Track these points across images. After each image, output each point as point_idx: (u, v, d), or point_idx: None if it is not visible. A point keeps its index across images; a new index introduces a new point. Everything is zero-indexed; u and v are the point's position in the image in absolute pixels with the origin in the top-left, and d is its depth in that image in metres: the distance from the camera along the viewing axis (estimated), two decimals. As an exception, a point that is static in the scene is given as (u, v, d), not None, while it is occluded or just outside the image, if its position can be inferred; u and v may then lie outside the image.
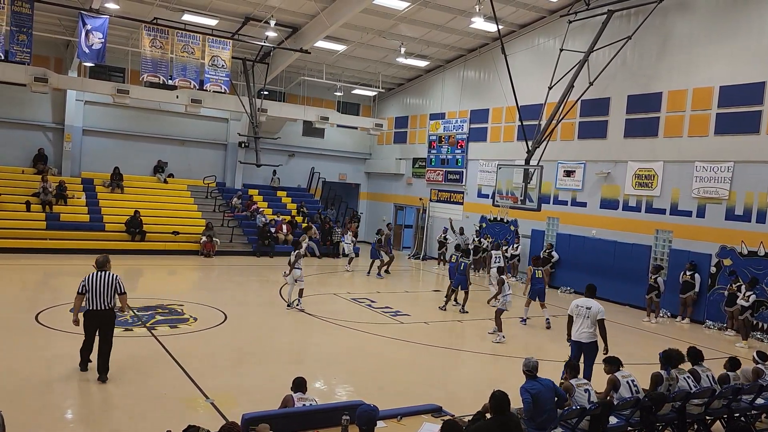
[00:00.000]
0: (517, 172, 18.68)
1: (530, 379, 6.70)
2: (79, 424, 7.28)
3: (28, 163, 23.10)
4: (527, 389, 6.53)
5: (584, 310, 9.19)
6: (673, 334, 14.07)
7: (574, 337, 9.28)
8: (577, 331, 9.21)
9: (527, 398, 6.46)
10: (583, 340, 9.14)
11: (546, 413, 6.48)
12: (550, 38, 20.33)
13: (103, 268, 8.63)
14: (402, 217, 28.78)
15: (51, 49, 22.98)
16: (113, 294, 8.50)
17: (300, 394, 6.29)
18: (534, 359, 6.86)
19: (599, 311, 9.12)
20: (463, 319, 14.62)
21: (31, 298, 13.95)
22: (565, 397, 6.81)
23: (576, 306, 9.30)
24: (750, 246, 14.90)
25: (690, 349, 8.23)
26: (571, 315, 9.36)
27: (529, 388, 6.55)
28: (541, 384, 6.63)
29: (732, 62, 15.49)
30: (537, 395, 6.47)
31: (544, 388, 6.61)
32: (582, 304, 9.26)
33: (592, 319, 9.10)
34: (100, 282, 8.46)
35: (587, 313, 9.15)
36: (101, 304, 8.40)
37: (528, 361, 6.81)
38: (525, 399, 6.48)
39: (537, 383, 6.63)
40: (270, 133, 25.96)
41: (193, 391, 8.40)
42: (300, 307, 13.94)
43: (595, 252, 18.40)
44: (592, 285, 9.69)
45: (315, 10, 19.73)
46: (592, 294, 9.48)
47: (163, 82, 19.87)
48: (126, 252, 20.35)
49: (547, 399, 6.54)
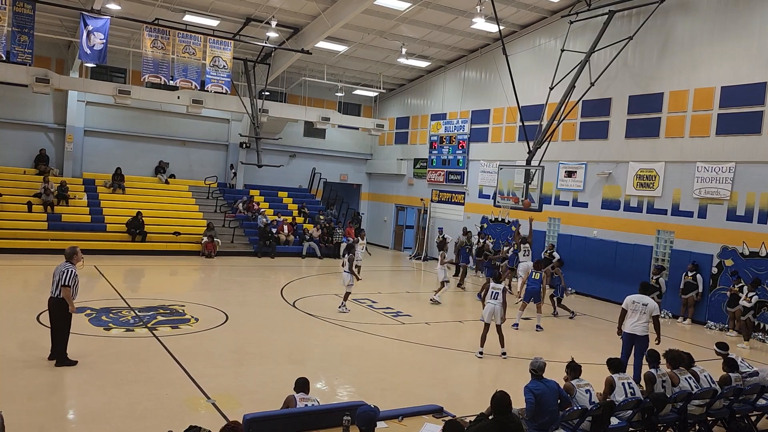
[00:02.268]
0: (519, 172, 18.68)
1: (535, 380, 6.73)
2: (80, 425, 7.29)
3: (29, 164, 23.13)
4: (531, 389, 6.56)
5: (641, 306, 10.03)
6: (674, 335, 14.05)
7: (628, 330, 10.02)
8: (632, 325, 10.00)
9: (530, 398, 6.48)
10: (638, 333, 9.96)
11: (548, 415, 6.49)
12: (551, 39, 20.32)
13: (67, 260, 9.32)
14: (403, 218, 28.80)
15: (52, 50, 23.02)
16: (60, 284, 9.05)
17: (302, 394, 6.29)
18: (541, 360, 6.90)
19: (654, 308, 10.06)
20: (463, 320, 14.62)
21: (32, 298, 13.94)
22: (569, 400, 6.82)
23: (632, 302, 10.09)
24: (751, 246, 14.88)
25: (683, 352, 8.29)
26: (625, 309, 10.13)
27: (533, 388, 6.57)
28: (545, 385, 6.65)
29: (733, 62, 15.48)
30: (540, 396, 6.50)
31: (548, 389, 6.63)
32: (638, 300, 10.07)
33: (648, 314, 9.97)
34: (57, 272, 9.19)
35: (643, 309, 10.02)
36: (53, 292, 9.11)
37: (535, 361, 6.86)
38: (528, 399, 6.51)
39: (542, 384, 6.65)
40: (271, 134, 25.97)
41: (194, 392, 8.41)
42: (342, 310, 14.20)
43: (596, 252, 18.39)
44: (646, 282, 10.80)
45: (316, 10, 19.75)
46: (646, 291, 10.44)
47: (164, 82, 19.89)
48: (127, 252, 20.38)
49: (550, 401, 6.55)
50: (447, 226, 23.73)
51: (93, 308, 12.74)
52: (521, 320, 14.06)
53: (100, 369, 9.07)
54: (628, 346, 10.00)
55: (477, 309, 15.00)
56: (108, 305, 13.14)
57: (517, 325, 13.84)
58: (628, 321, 10.06)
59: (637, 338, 9.94)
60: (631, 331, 9.99)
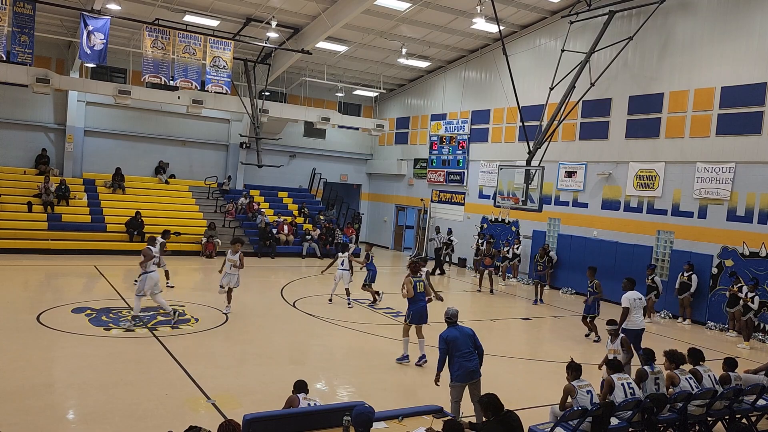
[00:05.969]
0: (519, 172, 18.69)
1: (450, 327, 7.30)
2: (80, 425, 7.28)
3: (30, 164, 23.14)
4: (443, 337, 7.21)
5: (639, 302, 10.35)
6: (674, 335, 14.06)
7: (634, 327, 10.23)
8: (637, 321, 10.31)
9: (442, 347, 7.18)
10: (643, 327, 10.45)
11: (462, 355, 7.07)
12: (551, 39, 20.32)
13: None
14: (403, 218, 28.80)
15: (53, 50, 23.02)
16: None
17: (303, 394, 6.29)
18: (454, 308, 7.56)
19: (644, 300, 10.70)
20: (463, 320, 14.59)
21: (32, 298, 13.95)
22: (481, 348, 7.29)
23: (633, 299, 10.30)
24: (751, 247, 14.88)
25: (690, 349, 8.25)
26: (628, 308, 10.22)
27: (446, 335, 7.21)
28: (459, 331, 7.26)
29: (733, 63, 15.48)
30: (453, 341, 7.13)
31: (461, 334, 7.22)
32: (637, 297, 10.36)
33: (641, 307, 10.44)
34: None
35: (641, 304, 10.43)
36: None
37: (448, 310, 7.51)
38: (440, 348, 7.20)
39: (455, 330, 7.27)
40: (271, 134, 25.97)
41: (194, 392, 8.41)
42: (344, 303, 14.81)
43: (596, 253, 18.36)
44: (632, 278, 10.93)
45: (316, 10, 19.75)
46: (634, 286, 10.71)
47: (164, 82, 19.88)
48: (127, 252, 20.36)
49: (463, 344, 7.13)
50: (445, 226, 23.73)
51: (93, 308, 12.74)
52: (521, 321, 14.05)
53: (100, 369, 9.07)
54: (638, 342, 10.20)
55: (477, 309, 15.01)
56: (108, 305, 13.14)
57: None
58: (632, 318, 10.26)
59: (641, 332, 10.39)
60: (638, 327, 10.30)
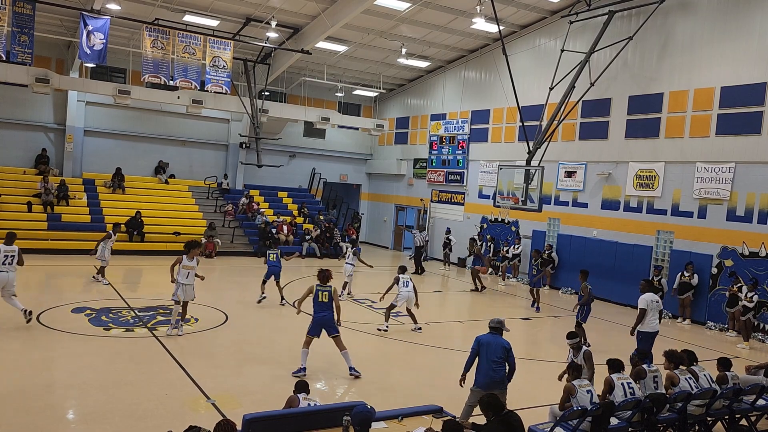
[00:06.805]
0: (518, 172, 18.69)
1: (490, 333, 7.30)
2: (80, 425, 7.28)
3: (29, 164, 23.13)
4: (478, 338, 7.23)
5: (656, 304, 10.33)
6: (674, 335, 14.05)
7: (649, 329, 10.28)
8: (653, 323, 10.29)
9: (474, 346, 7.20)
10: (658, 329, 10.38)
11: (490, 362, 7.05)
12: (551, 39, 20.32)
13: None
14: (403, 218, 28.79)
15: (52, 50, 23.01)
16: None
17: (303, 394, 6.30)
18: (499, 318, 7.46)
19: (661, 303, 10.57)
20: (463, 320, 14.61)
21: (32, 298, 13.93)
22: (513, 364, 7.16)
23: (651, 301, 10.30)
24: (751, 247, 14.88)
25: (683, 351, 8.30)
26: (645, 309, 10.25)
27: (481, 338, 7.21)
28: (496, 340, 7.19)
29: (733, 63, 15.48)
30: (486, 345, 7.11)
31: (496, 342, 7.16)
32: (654, 299, 10.36)
33: (657, 310, 10.39)
34: None
35: (658, 306, 10.40)
36: None
37: (494, 319, 7.44)
38: (472, 347, 7.22)
39: (491, 337, 7.22)
40: (271, 134, 25.97)
41: (194, 392, 8.41)
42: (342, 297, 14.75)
43: (596, 253, 18.38)
44: (649, 280, 11.07)
45: (316, 10, 19.75)
46: (654, 289, 10.79)
47: (164, 82, 19.88)
48: (127, 252, 20.35)
49: (493, 351, 7.09)
50: (445, 226, 23.72)
51: (93, 308, 12.75)
52: (521, 321, 14.04)
53: (100, 369, 9.07)
54: (651, 345, 10.13)
55: (477, 309, 15.01)
56: (108, 305, 13.14)
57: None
58: (648, 320, 10.27)
59: (656, 335, 10.38)
60: (653, 330, 10.31)
